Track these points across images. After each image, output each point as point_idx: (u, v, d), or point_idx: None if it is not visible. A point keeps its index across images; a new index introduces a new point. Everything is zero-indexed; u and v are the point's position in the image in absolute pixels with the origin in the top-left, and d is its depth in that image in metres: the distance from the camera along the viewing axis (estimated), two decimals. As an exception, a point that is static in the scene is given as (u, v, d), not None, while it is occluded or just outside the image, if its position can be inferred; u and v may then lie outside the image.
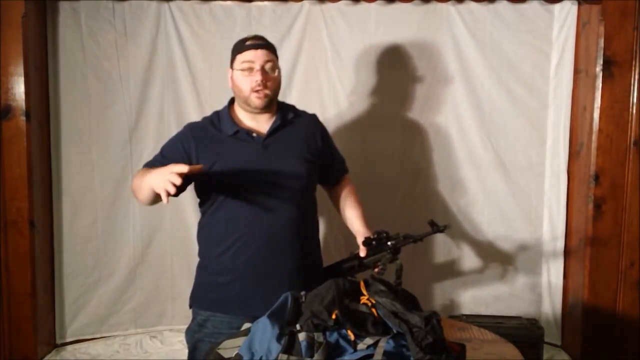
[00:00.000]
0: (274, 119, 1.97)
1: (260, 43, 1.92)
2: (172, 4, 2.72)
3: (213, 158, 1.89)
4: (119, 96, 2.75)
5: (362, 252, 1.95)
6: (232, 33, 2.71)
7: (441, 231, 2.00)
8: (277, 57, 1.98)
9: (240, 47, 1.94)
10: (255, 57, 1.89)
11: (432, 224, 1.98)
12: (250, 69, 1.89)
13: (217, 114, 2.02)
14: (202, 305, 1.95)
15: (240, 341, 1.54)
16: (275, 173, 1.90)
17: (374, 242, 1.91)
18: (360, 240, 1.97)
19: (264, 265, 1.90)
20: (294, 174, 1.93)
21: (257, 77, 1.88)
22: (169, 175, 1.65)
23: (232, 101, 2.03)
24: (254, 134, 1.93)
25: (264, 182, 1.89)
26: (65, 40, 2.69)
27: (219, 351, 1.57)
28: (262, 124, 1.96)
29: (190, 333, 1.96)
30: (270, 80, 1.91)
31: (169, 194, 1.65)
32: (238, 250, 1.90)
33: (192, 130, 1.98)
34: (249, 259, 1.90)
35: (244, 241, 1.90)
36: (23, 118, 2.54)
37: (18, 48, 2.50)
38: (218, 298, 1.92)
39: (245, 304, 1.88)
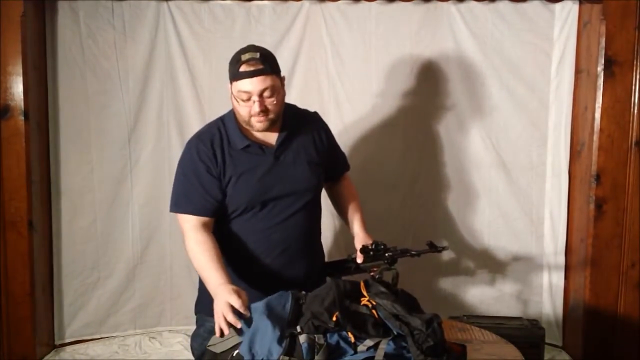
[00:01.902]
0: (280, 129, 1.92)
1: (256, 70, 1.76)
2: (171, 3, 2.71)
3: (230, 172, 1.85)
4: (118, 96, 2.74)
5: (359, 259, 1.95)
6: (232, 32, 2.70)
7: (439, 251, 2.02)
8: (277, 71, 1.83)
9: (235, 72, 1.79)
10: (251, 86, 1.76)
11: (431, 245, 2.00)
12: (248, 99, 1.78)
13: (222, 122, 1.92)
14: (212, 312, 1.92)
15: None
16: (288, 186, 1.89)
17: (371, 252, 1.93)
18: (358, 246, 1.98)
19: (277, 274, 1.89)
20: (306, 185, 1.93)
21: (256, 107, 1.77)
22: (227, 312, 1.60)
23: None
24: (264, 147, 1.89)
25: (278, 196, 1.88)
26: (64, 39, 2.68)
27: (210, 348, 1.57)
28: (269, 135, 1.91)
29: (198, 340, 1.93)
30: (271, 105, 1.80)
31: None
32: (251, 261, 1.88)
33: (205, 144, 1.86)
34: (263, 270, 1.88)
35: (258, 253, 1.88)
36: (22, 118, 2.52)
37: (17, 47, 2.49)
38: None
39: None
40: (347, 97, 2.79)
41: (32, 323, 2.60)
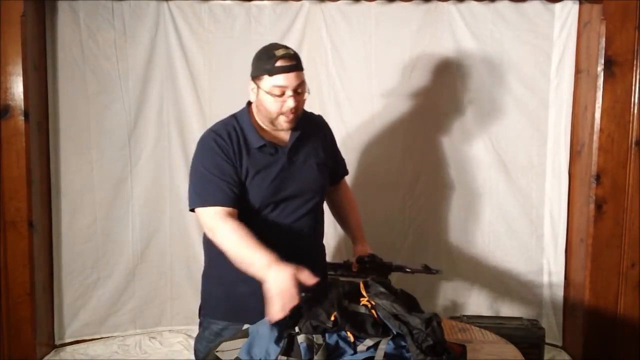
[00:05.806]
0: (293, 129, 1.90)
1: (292, 65, 1.77)
2: (171, 3, 2.71)
3: (245, 169, 1.83)
4: (118, 96, 2.74)
5: (354, 268, 2.03)
6: (232, 32, 2.71)
7: (432, 274, 2.13)
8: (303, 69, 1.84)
9: (269, 67, 1.76)
10: (287, 82, 1.75)
11: (425, 267, 2.13)
12: (282, 94, 1.77)
13: (236, 120, 1.89)
14: (218, 315, 1.89)
15: (238, 343, 1.53)
16: (299, 187, 1.88)
17: (367, 265, 2.02)
18: (355, 254, 2.06)
19: None
20: (315, 186, 1.92)
21: (291, 103, 1.77)
22: (291, 296, 1.52)
23: (249, 103, 1.92)
24: (278, 147, 1.88)
25: (290, 196, 1.87)
26: (64, 39, 2.68)
27: (217, 354, 1.56)
28: (282, 134, 1.90)
29: (203, 342, 1.90)
30: (301, 102, 1.82)
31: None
32: None
33: (222, 137, 1.83)
34: None
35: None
36: (22, 118, 2.53)
37: (17, 47, 2.49)
38: (238, 308, 1.85)
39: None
40: (347, 97, 2.79)
41: (32, 323, 2.60)
